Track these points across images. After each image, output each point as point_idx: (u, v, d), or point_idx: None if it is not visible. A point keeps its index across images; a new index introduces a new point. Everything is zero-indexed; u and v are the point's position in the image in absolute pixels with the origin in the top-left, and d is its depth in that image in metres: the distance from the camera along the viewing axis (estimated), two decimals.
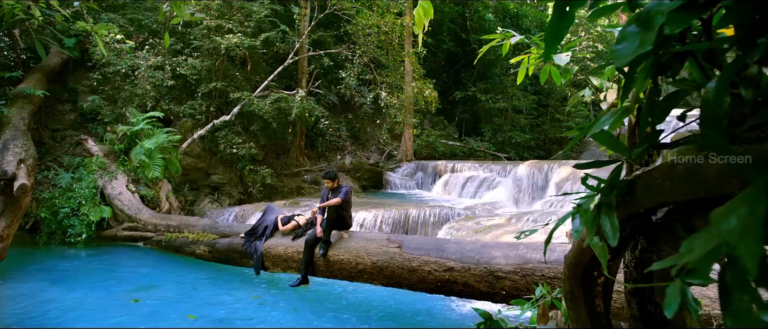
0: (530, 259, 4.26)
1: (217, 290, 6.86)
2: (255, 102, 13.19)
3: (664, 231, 1.61)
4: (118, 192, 9.99)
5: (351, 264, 5.70)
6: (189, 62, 13.33)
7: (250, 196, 13.69)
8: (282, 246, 6.62)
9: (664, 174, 1.23)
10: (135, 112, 11.30)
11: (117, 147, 10.84)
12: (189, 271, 7.83)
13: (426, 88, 13.92)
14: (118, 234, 9.81)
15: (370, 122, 21.06)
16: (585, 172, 1.65)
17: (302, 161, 16.92)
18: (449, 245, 4.98)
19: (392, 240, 5.51)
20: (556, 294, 2.70)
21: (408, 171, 17.29)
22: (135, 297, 6.49)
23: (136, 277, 7.55)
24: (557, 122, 24.84)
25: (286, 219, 7.03)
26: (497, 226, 8.50)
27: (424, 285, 5.06)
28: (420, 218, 10.43)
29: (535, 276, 4.15)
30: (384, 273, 5.37)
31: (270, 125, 14.09)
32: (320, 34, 16.92)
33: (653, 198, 1.35)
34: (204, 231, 8.27)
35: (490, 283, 4.47)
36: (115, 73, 12.03)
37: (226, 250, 7.57)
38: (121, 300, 6.32)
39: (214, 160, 13.90)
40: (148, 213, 9.87)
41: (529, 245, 4.47)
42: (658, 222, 1.64)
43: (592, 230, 1.46)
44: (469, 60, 24.95)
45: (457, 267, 4.72)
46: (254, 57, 16.40)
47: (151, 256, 8.91)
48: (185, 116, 13.48)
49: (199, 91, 13.52)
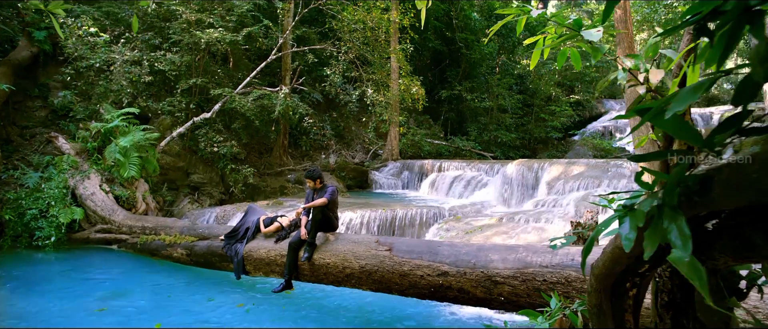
0: (531, 263, 3.99)
1: (194, 296, 6.46)
2: (237, 99, 12.75)
3: (727, 238, 1.32)
4: (91, 192, 9.48)
5: (338, 268, 5.37)
6: (168, 57, 12.82)
7: (232, 196, 13.24)
8: (264, 249, 6.26)
9: (764, 168, 0.94)
10: (110, 108, 10.78)
11: (90, 145, 10.31)
12: (165, 276, 7.41)
13: (413, 85, 13.61)
14: (91, 237, 9.31)
15: (355, 120, 20.71)
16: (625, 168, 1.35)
17: (285, 161, 16.51)
18: (443, 248, 4.69)
19: (382, 243, 5.20)
20: (576, 307, 2.41)
21: (394, 171, 16.99)
22: (108, 303, 6.07)
23: (108, 282, 7.11)
24: (542, 122, 24.82)
25: (268, 220, 6.67)
26: (488, 226, 8.25)
27: (415, 291, 4.77)
28: (407, 218, 10.15)
29: (537, 281, 3.89)
30: (373, 277, 5.06)
31: (252, 123, 13.66)
32: (304, 30, 16.53)
33: (739, 198, 1.06)
34: (182, 233, 7.85)
35: (487, 288, 4.19)
36: (89, 67, 11.47)
37: (204, 253, 7.17)
38: (89, 307, 5.88)
39: (194, 159, 13.42)
40: (122, 214, 9.39)
41: (529, 248, 4.20)
42: (718, 227, 1.36)
43: (654, 238, 1.16)
44: (455, 59, 24.77)
45: (451, 271, 4.44)
46: (236, 53, 15.93)
47: (126, 260, 8.45)
48: (164, 114, 12.97)
49: (178, 87, 13.02)
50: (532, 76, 26.50)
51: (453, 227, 8.84)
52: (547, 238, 6.94)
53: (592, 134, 25.18)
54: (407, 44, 14.23)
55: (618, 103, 32.44)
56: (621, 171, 9.12)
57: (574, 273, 3.70)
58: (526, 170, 10.80)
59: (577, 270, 3.70)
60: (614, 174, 9.05)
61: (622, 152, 21.09)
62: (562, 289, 3.74)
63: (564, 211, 8.06)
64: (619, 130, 25.16)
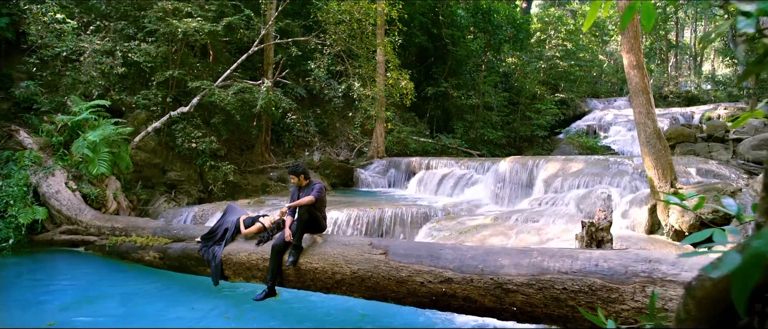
0: (548, 269, 3.54)
1: (166, 303, 5.88)
2: (216, 92, 12.09)
3: None
4: (55, 190, 8.77)
5: (327, 274, 4.86)
6: (143, 48, 12.10)
7: (211, 195, 12.58)
8: (245, 252, 5.71)
9: None
10: (78, 100, 10.04)
11: (55, 139, 9.57)
12: (136, 281, 6.79)
13: (402, 78, 13.12)
14: (55, 238, 8.60)
15: (339, 116, 20.18)
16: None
17: (267, 158, 15.88)
18: (446, 251, 4.22)
19: (376, 246, 4.70)
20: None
21: (380, 168, 16.51)
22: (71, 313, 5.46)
23: (71, 289, 6.46)
24: (528, 120, 24.69)
25: (249, 221, 6.11)
26: (483, 226, 7.83)
27: (415, 299, 4.29)
28: (397, 218, 9.69)
29: (556, 290, 3.44)
30: (366, 284, 4.57)
31: (233, 118, 13.00)
32: (288, 22, 15.90)
33: None
34: (154, 235, 7.24)
35: (497, 297, 3.74)
36: (55, 56, 10.69)
37: (179, 256, 6.58)
38: (48, 319, 5.25)
39: (171, 155, 12.71)
40: (90, 214, 8.70)
41: (544, 251, 3.76)
42: None
43: None
44: (440, 56, 24.41)
45: (455, 277, 3.97)
46: (216, 46, 15.24)
47: (93, 263, 7.78)
48: (138, 107, 12.25)
49: (154, 79, 12.31)
50: (517, 75, 26.36)
51: (445, 227, 8.41)
52: (548, 239, 6.55)
53: (576, 132, 25.15)
54: (395, 36, 13.72)
55: (601, 102, 32.61)
56: (623, 169, 8.80)
57: (599, 281, 3.27)
58: (520, 167, 10.42)
59: (603, 277, 3.26)
60: (616, 172, 8.72)
61: (608, 150, 21.01)
62: (585, 299, 3.30)
63: (564, 210, 7.69)
64: (602, 129, 25.22)
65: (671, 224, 6.32)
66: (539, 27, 28.89)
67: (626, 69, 6.78)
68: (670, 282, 2.97)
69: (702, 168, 8.58)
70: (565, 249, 3.72)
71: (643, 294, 3.06)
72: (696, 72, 38.51)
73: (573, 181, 8.87)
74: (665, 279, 3.00)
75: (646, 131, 6.55)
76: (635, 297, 3.09)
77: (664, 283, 3.00)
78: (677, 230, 6.24)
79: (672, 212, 6.25)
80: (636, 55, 6.63)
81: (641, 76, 6.59)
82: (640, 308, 3.06)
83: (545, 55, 27.29)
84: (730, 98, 28.58)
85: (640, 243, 5.78)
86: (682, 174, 7.85)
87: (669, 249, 5.59)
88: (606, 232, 4.54)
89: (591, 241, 4.54)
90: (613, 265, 3.28)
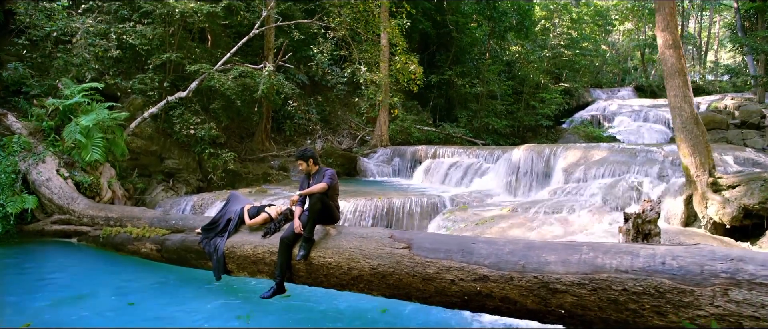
0: (603, 267, 3.09)
1: (164, 300, 5.42)
2: (216, 76, 11.55)
3: None
4: (46, 178, 8.27)
5: (342, 269, 4.40)
6: (138, 30, 11.53)
7: (210, 183, 12.10)
8: (250, 245, 5.24)
9: None
10: (69, 83, 9.50)
11: (46, 124, 9.04)
12: (132, 275, 6.33)
13: (410, 62, 12.57)
14: (46, 229, 8.12)
15: (341, 104, 19.66)
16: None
17: (268, 146, 15.38)
18: (479, 245, 3.76)
19: (397, 238, 4.24)
20: None
21: (384, 157, 16.05)
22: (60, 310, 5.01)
23: (62, 283, 6.01)
24: (532, 110, 24.26)
25: (254, 211, 5.63)
26: (500, 217, 7.38)
27: (443, 298, 3.84)
28: (405, 208, 9.25)
29: (613, 291, 2.99)
30: (387, 281, 4.11)
31: (233, 104, 12.47)
32: (289, 5, 15.32)
33: None
34: (151, 225, 6.76)
35: (542, 298, 3.29)
36: (46, 37, 10.12)
37: (178, 248, 6.11)
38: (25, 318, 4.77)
39: (169, 142, 12.20)
40: (83, 203, 8.21)
41: (596, 246, 3.30)
42: None
43: None
44: (444, 43, 23.85)
45: (492, 275, 3.52)
46: (215, 30, 14.67)
47: (86, 255, 7.32)
48: (134, 92, 11.70)
49: (150, 63, 11.76)
50: (520, 63, 25.87)
51: (459, 218, 7.96)
52: (575, 231, 6.11)
53: (580, 122, 24.76)
54: (403, 19, 13.16)
55: (604, 92, 32.17)
56: (653, 157, 8.32)
57: (668, 282, 2.82)
58: (535, 156, 9.93)
59: (673, 277, 2.81)
60: (644, 160, 8.24)
61: (613, 141, 20.61)
62: (650, 302, 2.85)
63: (589, 201, 7.24)
64: (607, 119, 24.83)
65: (710, 216, 5.89)
66: (544, 15, 28.32)
67: (660, 48, 6.30)
68: (761, 286, 2.52)
69: (739, 156, 8.12)
70: (620, 245, 3.27)
71: (726, 297, 2.61)
72: (701, 62, 38.03)
73: (597, 170, 8.40)
74: (754, 282, 2.55)
75: (683, 115, 6.08)
76: (715, 302, 2.64)
77: (753, 286, 2.55)
78: (716, 223, 5.81)
79: (711, 204, 5.81)
80: (672, 33, 6.15)
81: (678, 56, 6.11)
82: (722, 314, 2.61)
83: (550, 44, 26.79)
84: (735, 89, 28.16)
85: (677, 237, 5.35)
86: (719, 163, 7.38)
87: (716, 243, 5.15)
88: (653, 224, 4.09)
89: (637, 234, 4.09)
90: (685, 263, 2.83)
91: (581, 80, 28.92)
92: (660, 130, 20.64)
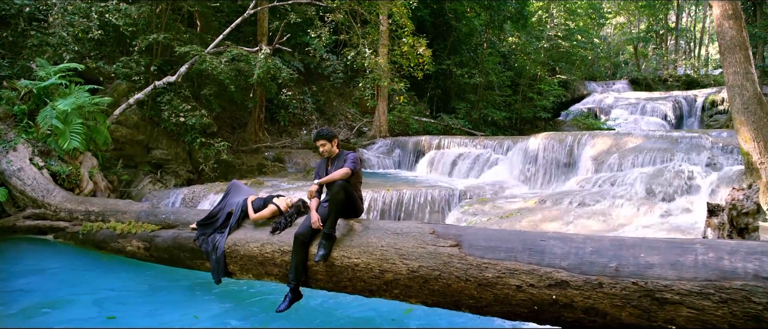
0: (735, 271, 2.38)
1: (152, 309, 4.62)
2: (208, 60, 10.66)
3: None
4: (18, 168, 7.37)
5: (372, 272, 3.65)
6: (122, 9, 10.59)
7: (202, 175, 11.25)
8: (256, 243, 4.46)
9: None
10: (44, 63, 8.57)
11: (18, 108, 8.11)
12: (116, 277, 5.52)
13: (419, 45, 11.78)
14: (18, 224, 7.23)
15: (337, 94, 18.85)
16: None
17: (262, 137, 14.53)
18: (551, 243, 3.03)
19: (441, 235, 3.50)
20: None
21: (384, 148, 15.30)
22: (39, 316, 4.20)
23: (33, 287, 5.16)
24: (529, 102, 23.82)
25: (259, 203, 4.83)
26: (528, 210, 6.68)
27: (505, 309, 3.11)
28: (416, 200, 8.55)
29: (752, 303, 2.29)
30: (431, 287, 3.37)
31: (226, 89, 11.58)
32: None
33: None
34: (138, 220, 5.93)
35: (644, 310, 2.57)
36: (17, 13, 9.15)
37: (169, 247, 5.29)
38: None
39: (157, 131, 11.29)
40: (61, 196, 7.33)
41: (716, 246, 2.59)
42: None
43: None
44: (441, 32, 23.14)
45: (573, 280, 2.79)
46: (205, 13, 13.74)
47: (63, 255, 6.46)
48: (119, 77, 10.77)
49: (135, 45, 10.82)
50: (517, 55, 25.38)
51: (480, 210, 7.25)
52: (619, 225, 5.43)
53: (577, 115, 24.43)
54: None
55: (599, 85, 31.85)
56: (698, 142, 7.66)
57: None
58: (556, 144, 9.24)
59: None
60: (689, 146, 7.59)
61: None
62: None
63: (630, 191, 6.56)
64: (603, 112, 24.55)
65: None
66: (541, 5, 27.82)
67: (717, 19, 5.63)
68: None
69: None
70: (753, 244, 2.56)
71: None
72: (696, 56, 37.86)
73: (634, 158, 7.73)
74: None
75: (744, 95, 5.42)
76: None
77: None
78: None
79: None
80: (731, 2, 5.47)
81: (738, 29, 5.44)
82: None
83: (547, 35, 26.28)
84: None
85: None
86: None
87: None
88: (751, 218, 3.41)
89: (732, 229, 3.41)
90: None
91: (576, 73, 28.60)
92: (657, 122, 20.44)
